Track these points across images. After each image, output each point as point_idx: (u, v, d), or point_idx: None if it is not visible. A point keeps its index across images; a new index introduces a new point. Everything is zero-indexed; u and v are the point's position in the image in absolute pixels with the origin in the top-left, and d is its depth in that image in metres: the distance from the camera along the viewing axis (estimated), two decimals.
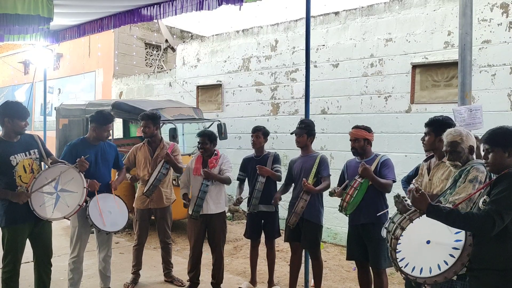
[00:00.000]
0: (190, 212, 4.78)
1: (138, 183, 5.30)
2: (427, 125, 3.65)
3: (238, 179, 5.26)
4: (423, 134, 3.75)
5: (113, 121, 4.54)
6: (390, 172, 4.15)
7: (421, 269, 2.64)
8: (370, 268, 4.25)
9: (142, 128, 5.19)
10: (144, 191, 5.04)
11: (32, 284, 4.23)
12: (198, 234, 4.87)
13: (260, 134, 5.08)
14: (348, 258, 4.42)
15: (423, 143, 3.78)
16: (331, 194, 4.28)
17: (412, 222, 2.68)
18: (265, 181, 4.88)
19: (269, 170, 4.89)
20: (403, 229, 2.70)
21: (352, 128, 4.32)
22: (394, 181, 4.15)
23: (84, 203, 4.10)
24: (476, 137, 3.38)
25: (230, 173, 4.85)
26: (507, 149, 2.54)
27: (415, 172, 4.02)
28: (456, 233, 2.63)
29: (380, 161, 4.18)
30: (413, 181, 3.84)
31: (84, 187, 4.05)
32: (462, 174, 3.05)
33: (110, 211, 4.35)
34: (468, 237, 2.62)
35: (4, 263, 3.87)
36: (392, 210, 4.08)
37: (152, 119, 5.15)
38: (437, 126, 3.52)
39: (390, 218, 3.20)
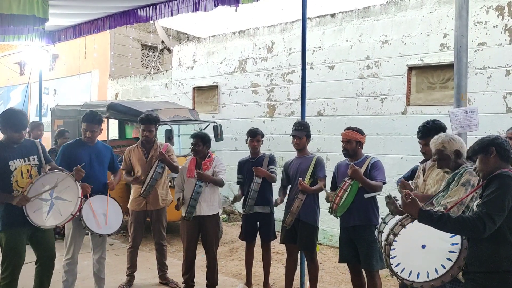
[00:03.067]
0: (183, 214, 4.76)
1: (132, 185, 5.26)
2: (424, 136, 3.64)
3: (237, 182, 5.22)
4: (420, 145, 3.72)
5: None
6: (380, 173, 4.14)
7: (418, 273, 2.63)
8: (363, 270, 4.24)
9: (143, 132, 5.11)
10: (141, 192, 5.00)
11: (25, 285, 4.19)
12: (192, 236, 4.85)
13: (260, 137, 5.06)
14: (341, 261, 4.40)
15: (424, 154, 3.73)
16: (327, 199, 4.25)
17: (405, 227, 2.68)
18: (261, 181, 4.86)
19: (265, 171, 4.88)
20: (395, 234, 2.70)
21: (345, 130, 4.29)
22: (384, 183, 4.14)
23: (78, 213, 4.03)
24: None
25: (223, 175, 4.83)
26: (487, 151, 2.61)
27: (411, 174, 4.01)
28: (452, 236, 2.62)
29: (370, 163, 4.17)
30: (410, 182, 3.83)
31: (79, 197, 4.00)
32: (455, 177, 3.06)
33: (104, 213, 4.30)
34: (464, 240, 2.62)
35: (3, 269, 3.82)
36: (382, 211, 4.09)
37: (154, 122, 5.11)
38: (434, 134, 3.50)
39: (382, 218, 3.19)
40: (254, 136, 5.04)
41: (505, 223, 2.46)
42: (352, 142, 4.20)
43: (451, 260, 2.60)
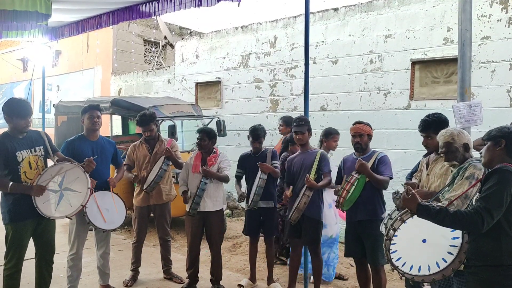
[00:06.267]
0: (187, 210, 4.77)
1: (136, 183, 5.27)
2: (425, 129, 3.63)
3: (236, 176, 5.22)
4: (423, 138, 3.71)
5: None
6: (387, 168, 4.13)
7: (419, 267, 2.64)
8: (369, 264, 4.25)
9: (144, 133, 5.15)
10: (145, 188, 5.02)
11: (31, 281, 4.22)
12: (196, 232, 4.86)
13: (262, 139, 5.04)
14: (346, 255, 4.41)
15: (426, 147, 3.73)
16: (336, 193, 4.23)
17: (405, 222, 2.68)
18: (266, 177, 4.85)
19: (271, 167, 4.87)
20: (395, 229, 2.70)
21: (355, 124, 4.28)
22: (391, 178, 4.13)
23: (87, 204, 4.06)
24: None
25: (228, 171, 4.83)
26: (497, 142, 2.60)
27: (417, 168, 4.02)
28: (453, 230, 2.63)
29: (377, 157, 4.17)
30: (413, 176, 3.84)
31: (89, 188, 4.01)
32: (460, 171, 3.06)
33: (108, 208, 4.31)
34: (465, 235, 2.63)
35: (6, 260, 3.86)
36: (389, 206, 4.09)
37: (151, 120, 5.11)
38: (435, 127, 3.51)
39: (388, 214, 3.20)
40: (257, 138, 5.01)
41: (504, 217, 2.46)
42: (365, 136, 4.21)
43: (452, 254, 2.61)
